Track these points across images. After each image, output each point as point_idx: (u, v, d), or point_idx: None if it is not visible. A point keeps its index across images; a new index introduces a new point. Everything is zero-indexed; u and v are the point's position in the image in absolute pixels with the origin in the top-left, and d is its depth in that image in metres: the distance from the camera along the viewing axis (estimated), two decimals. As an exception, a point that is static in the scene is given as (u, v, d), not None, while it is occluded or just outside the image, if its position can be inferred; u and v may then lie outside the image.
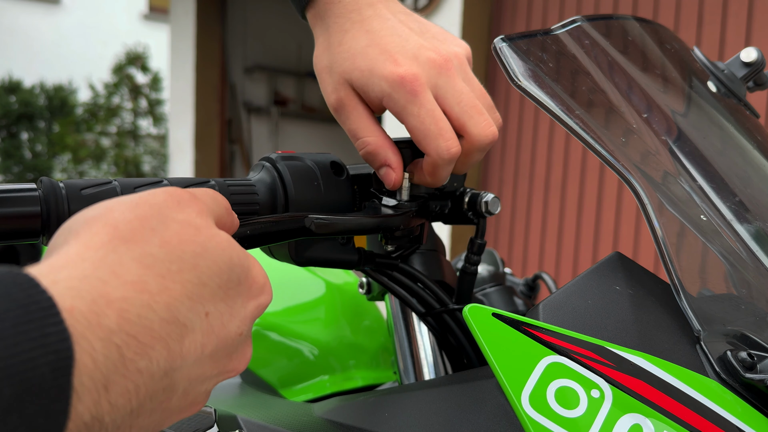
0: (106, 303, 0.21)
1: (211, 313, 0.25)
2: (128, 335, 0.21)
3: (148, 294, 0.22)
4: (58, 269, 0.22)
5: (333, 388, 0.67)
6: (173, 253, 0.24)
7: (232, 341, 0.26)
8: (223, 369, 0.26)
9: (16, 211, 0.33)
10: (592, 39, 0.51)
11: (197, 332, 0.24)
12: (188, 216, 0.26)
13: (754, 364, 0.36)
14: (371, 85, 0.40)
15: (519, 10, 2.87)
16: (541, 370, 0.35)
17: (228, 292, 0.26)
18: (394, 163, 0.42)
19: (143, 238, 0.24)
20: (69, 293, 0.21)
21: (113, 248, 0.23)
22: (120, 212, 0.24)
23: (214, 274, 0.25)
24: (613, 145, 0.42)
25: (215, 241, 0.26)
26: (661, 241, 0.40)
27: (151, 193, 0.26)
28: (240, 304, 0.26)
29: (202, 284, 0.24)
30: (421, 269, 0.50)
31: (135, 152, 5.60)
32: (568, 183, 2.65)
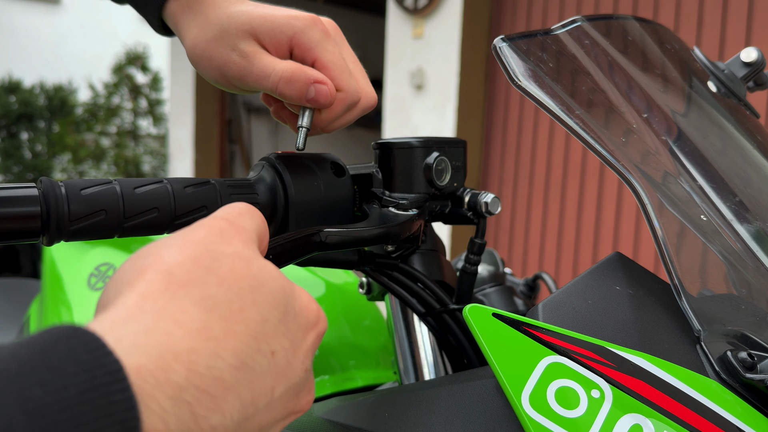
0: (173, 357, 0.20)
1: (276, 351, 0.23)
2: (198, 390, 0.20)
3: (214, 341, 0.21)
4: (121, 324, 0.20)
5: (333, 388, 0.67)
6: (231, 291, 0.22)
7: (298, 378, 0.24)
8: (291, 410, 0.25)
9: (15, 211, 0.33)
10: (592, 39, 0.50)
11: (266, 375, 0.22)
12: (236, 248, 0.24)
13: (755, 364, 0.36)
14: (280, 25, 0.40)
15: (519, 10, 2.87)
16: (542, 370, 0.35)
17: (288, 326, 0.24)
18: (320, 76, 0.40)
19: (200, 280, 0.22)
20: (135, 350, 0.19)
21: (172, 295, 0.21)
22: (170, 256, 0.23)
23: (272, 307, 0.23)
24: (613, 145, 0.42)
25: (267, 271, 0.24)
26: (661, 241, 0.40)
27: (191, 230, 0.25)
28: (300, 337, 0.25)
29: (264, 320, 0.23)
30: (421, 269, 0.50)
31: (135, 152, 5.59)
32: (568, 183, 2.65)
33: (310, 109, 0.41)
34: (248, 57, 0.40)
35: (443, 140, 0.48)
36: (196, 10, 0.42)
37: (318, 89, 0.40)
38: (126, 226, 0.36)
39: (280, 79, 0.40)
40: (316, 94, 0.40)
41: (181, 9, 0.43)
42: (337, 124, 0.43)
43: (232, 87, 0.42)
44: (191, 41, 0.42)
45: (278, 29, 0.40)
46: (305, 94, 0.40)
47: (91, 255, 0.73)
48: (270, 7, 0.41)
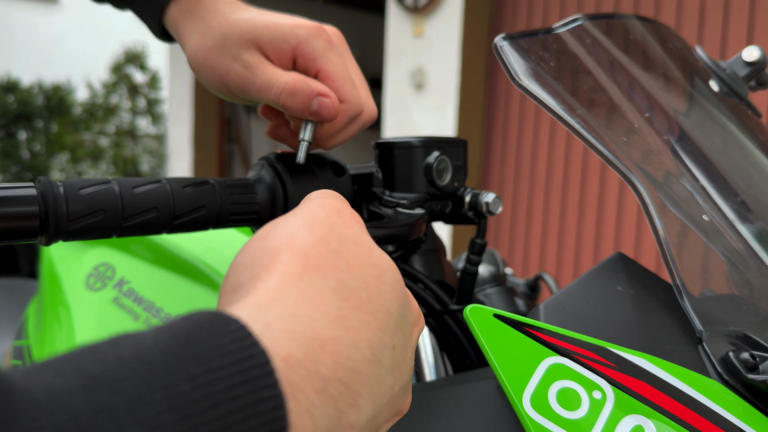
0: (319, 346, 0.18)
1: (396, 346, 0.21)
2: (342, 383, 0.18)
3: (352, 331, 0.19)
4: (267, 308, 0.19)
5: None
6: (359, 278, 0.21)
7: (408, 376, 0.23)
8: (397, 410, 0.23)
9: (14, 211, 0.33)
10: (594, 38, 0.50)
11: (389, 370, 0.21)
12: (356, 232, 0.23)
13: (756, 365, 0.36)
14: (283, 34, 0.39)
15: (519, 10, 2.87)
16: (543, 371, 0.35)
17: (403, 320, 0.23)
18: (324, 88, 0.39)
19: (333, 264, 0.21)
20: (284, 337, 0.18)
21: (310, 279, 0.20)
22: (302, 238, 0.22)
23: (394, 299, 0.22)
24: (614, 145, 0.42)
25: (385, 260, 0.23)
26: (662, 241, 0.40)
27: (308, 208, 0.23)
28: (409, 333, 0.23)
29: (388, 313, 0.21)
30: (422, 269, 0.50)
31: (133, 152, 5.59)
32: (569, 182, 2.65)
33: (312, 123, 0.40)
34: (251, 67, 0.39)
35: (444, 140, 0.48)
36: (197, 16, 0.41)
37: (321, 102, 0.39)
38: (125, 226, 0.36)
39: (282, 90, 0.38)
40: (319, 107, 0.39)
41: (182, 15, 0.42)
42: (339, 139, 0.42)
43: (234, 96, 0.41)
44: (192, 48, 0.41)
45: (281, 38, 0.39)
46: (308, 107, 0.39)
47: (90, 255, 0.73)
48: (273, 15, 0.40)
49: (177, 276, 0.69)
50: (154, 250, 0.71)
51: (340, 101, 0.40)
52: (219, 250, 0.70)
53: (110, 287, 0.69)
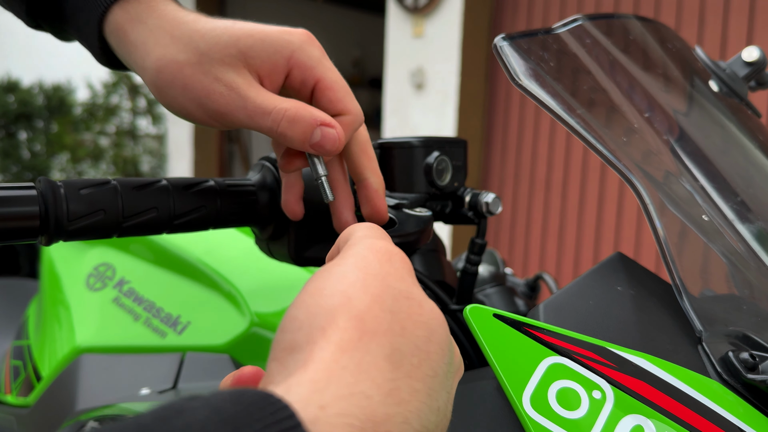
0: (372, 427, 0.18)
1: (441, 408, 0.21)
2: None
3: (404, 405, 0.19)
4: (323, 387, 0.18)
5: (333, 388, 0.67)
6: (411, 342, 0.21)
7: (444, 425, 0.22)
8: None
9: (14, 211, 0.33)
10: (594, 38, 0.50)
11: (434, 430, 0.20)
12: (408, 286, 0.22)
13: (756, 365, 0.36)
14: (274, 44, 0.34)
15: (519, 10, 2.87)
16: (543, 370, 0.35)
17: (448, 376, 0.22)
18: (328, 118, 0.34)
19: (388, 328, 0.20)
20: (338, 421, 0.17)
21: (366, 348, 0.19)
22: (358, 298, 0.21)
23: (441, 359, 0.21)
24: (614, 145, 0.42)
25: (435, 317, 0.22)
26: (662, 241, 0.40)
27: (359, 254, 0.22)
28: (450, 386, 0.23)
29: (435, 375, 0.21)
30: (422, 269, 0.50)
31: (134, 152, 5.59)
32: (569, 182, 2.65)
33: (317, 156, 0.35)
34: (239, 89, 0.33)
35: (444, 140, 0.48)
36: (151, 24, 0.34)
37: (325, 133, 0.34)
38: (125, 226, 0.36)
39: (282, 117, 0.33)
40: (322, 138, 0.34)
41: (131, 22, 0.34)
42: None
43: (211, 122, 0.34)
44: (155, 63, 0.33)
45: (272, 49, 0.34)
46: (309, 138, 0.34)
47: (90, 255, 0.73)
48: (254, 24, 0.35)
49: (177, 276, 0.69)
50: (154, 250, 0.71)
51: (343, 113, 0.36)
52: (219, 250, 0.70)
53: (110, 287, 0.69)
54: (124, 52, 0.35)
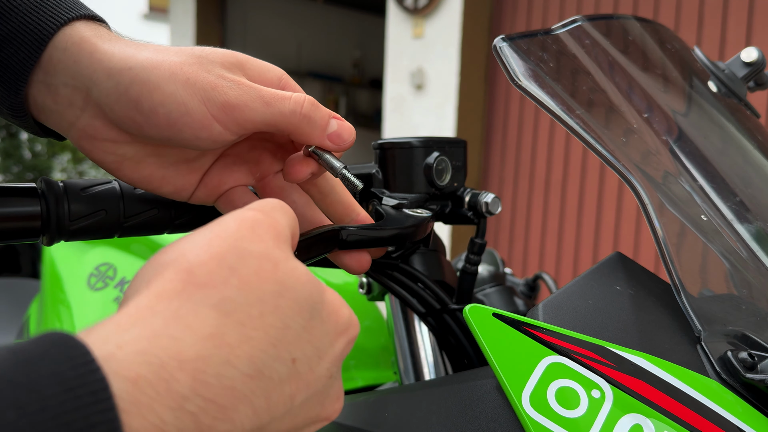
0: (178, 365, 0.19)
1: (298, 359, 0.22)
2: (205, 400, 0.19)
3: (227, 348, 0.20)
4: (126, 329, 0.19)
5: (333, 388, 0.67)
6: (253, 294, 0.21)
7: (322, 386, 0.23)
8: (316, 417, 0.24)
9: (16, 211, 0.33)
10: (593, 39, 0.50)
11: (285, 383, 0.21)
12: (266, 247, 0.23)
13: (755, 364, 0.36)
14: (266, 64, 0.34)
15: (519, 10, 2.87)
16: (542, 370, 0.35)
17: (313, 332, 0.23)
18: (333, 113, 0.34)
19: (221, 281, 0.21)
20: (136, 359, 0.18)
21: (188, 297, 0.20)
22: (193, 253, 0.22)
23: (296, 313, 0.22)
24: (613, 145, 0.42)
25: (294, 275, 0.23)
26: (661, 241, 0.40)
27: (223, 221, 0.23)
28: (327, 344, 0.24)
29: (286, 327, 0.22)
30: (422, 269, 0.50)
31: (135, 152, 5.59)
32: (568, 183, 2.65)
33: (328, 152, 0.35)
34: (243, 85, 0.32)
35: (443, 140, 0.48)
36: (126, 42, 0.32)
37: (341, 124, 0.34)
38: (126, 226, 0.36)
39: (305, 100, 0.32)
40: (339, 128, 0.34)
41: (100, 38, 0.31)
42: None
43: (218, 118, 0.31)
44: (145, 62, 0.30)
45: (266, 68, 0.34)
46: (326, 128, 0.33)
47: (91, 255, 0.73)
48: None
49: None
50: (155, 249, 0.71)
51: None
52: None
53: (111, 287, 0.69)
54: (87, 62, 0.30)
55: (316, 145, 0.34)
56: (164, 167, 0.34)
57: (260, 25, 5.43)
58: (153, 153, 0.33)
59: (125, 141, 0.32)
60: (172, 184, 0.34)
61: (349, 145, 0.35)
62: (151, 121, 0.30)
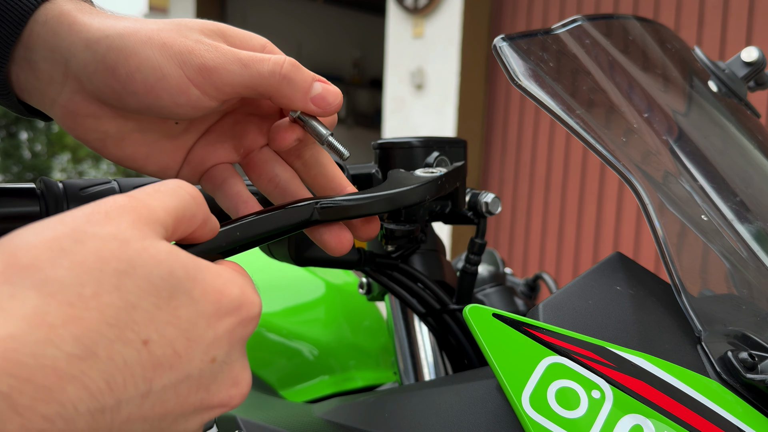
0: None
1: (152, 340, 0.21)
2: (18, 379, 0.18)
3: (47, 327, 0.19)
4: None
5: (333, 388, 0.67)
6: (88, 274, 0.20)
7: (197, 370, 0.22)
8: (201, 403, 0.23)
9: (15, 211, 0.33)
10: (593, 38, 0.50)
11: (134, 365, 0.20)
12: (117, 229, 0.22)
13: (755, 365, 0.36)
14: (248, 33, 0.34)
15: (519, 10, 2.87)
16: (542, 370, 0.35)
17: (177, 313, 0.22)
18: (318, 76, 0.33)
19: (48, 263, 0.20)
20: None
21: (6, 279, 0.20)
22: (22, 237, 0.21)
23: (147, 293, 0.21)
24: (613, 145, 0.42)
25: (148, 254, 0.22)
26: (661, 241, 0.40)
27: (78, 209, 0.22)
28: (202, 326, 0.22)
29: (131, 307, 0.21)
30: (421, 269, 0.50)
31: (135, 152, 5.59)
32: (568, 183, 2.65)
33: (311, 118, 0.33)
34: (220, 49, 0.31)
35: (443, 140, 0.48)
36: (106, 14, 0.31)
37: (325, 87, 0.32)
38: None
39: (285, 61, 0.31)
40: (324, 91, 0.32)
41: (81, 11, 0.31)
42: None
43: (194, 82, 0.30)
44: (122, 29, 0.30)
45: (248, 36, 0.33)
46: (309, 91, 0.31)
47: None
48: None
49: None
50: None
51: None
52: (219, 250, 0.70)
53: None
54: (66, 34, 0.30)
55: (300, 110, 0.32)
56: (148, 144, 0.33)
57: (260, 24, 5.43)
58: (136, 129, 0.32)
59: (107, 116, 0.31)
60: (156, 162, 0.33)
61: (335, 109, 0.32)
62: (129, 88, 0.29)
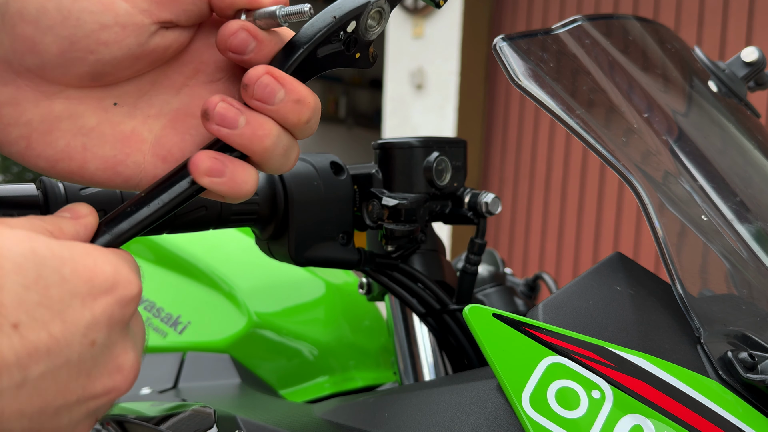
0: None
1: (23, 323, 0.20)
2: None
3: None
4: None
5: (333, 388, 0.67)
6: None
7: (79, 355, 0.21)
8: (86, 392, 0.22)
9: (15, 211, 0.33)
10: (593, 38, 0.50)
11: (6, 351, 0.19)
12: None
13: (755, 365, 0.36)
14: None
15: (519, 10, 2.87)
16: (542, 370, 0.35)
17: (47, 293, 0.21)
18: None
19: None
20: None
21: None
22: None
23: (11, 272, 0.20)
24: (613, 145, 0.42)
25: (6, 235, 0.21)
26: (661, 241, 0.40)
27: None
28: (77, 306, 0.21)
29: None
30: (421, 269, 0.50)
31: (135, 152, 5.60)
32: (568, 183, 2.65)
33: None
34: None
35: (443, 140, 0.48)
36: None
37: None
38: None
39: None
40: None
41: None
42: None
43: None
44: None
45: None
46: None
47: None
48: None
49: (177, 276, 0.70)
50: (154, 249, 0.71)
51: None
52: (219, 250, 0.70)
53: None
54: None
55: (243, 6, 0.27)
56: (83, 134, 0.27)
57: (260, 25, 5.42)
58: (65, 113, 0.27)
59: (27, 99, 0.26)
60: (101, 157, 0.27)
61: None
62: (43, 25, 0.25)
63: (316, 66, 0.28)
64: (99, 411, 0.23)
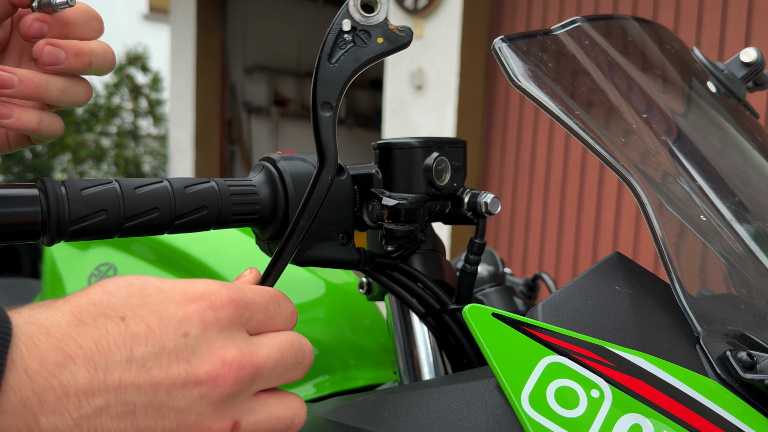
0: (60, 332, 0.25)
1: (127, 317, 0.26)
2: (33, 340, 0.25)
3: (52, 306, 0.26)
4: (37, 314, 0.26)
5: (333, 388, 0.67)
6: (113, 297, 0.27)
7: (174, 343, 0.26)
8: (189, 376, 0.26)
9: (16, 211, 0.33)
10: (592, 39, 0.51)
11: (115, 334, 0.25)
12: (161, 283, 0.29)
13: (754, 364, 0.36)
14: None
15: (519, 11, 2.87)
16: (541, 370, 0.35)
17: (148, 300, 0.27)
18: None
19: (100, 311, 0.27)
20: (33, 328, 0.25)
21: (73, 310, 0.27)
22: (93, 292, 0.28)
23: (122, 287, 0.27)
24: (612, 145, 0.42)
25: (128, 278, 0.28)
26: (660, 241, 0.40)
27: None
28: (172, 308, 0.27)
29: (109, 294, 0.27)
30: (421, 269, 0.50)
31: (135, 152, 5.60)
32: (567, 183, 2.65)
33: None
34: None
35: (443, 140, 0.48)
36: None
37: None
38: (126, 226, 0.36)
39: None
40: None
41: None
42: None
43: None
44: None
45: None
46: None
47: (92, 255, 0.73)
48: None
49: (178, 276, 0.70)
50: (155, 250, 0.71)
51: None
52: (220, 250, 0.70)
53: (111, 287, 0.69)
54: None
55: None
56: None
57: (260, 25, 5.43)
58: None
59: None
60: None
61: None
62: None
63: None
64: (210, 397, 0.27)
